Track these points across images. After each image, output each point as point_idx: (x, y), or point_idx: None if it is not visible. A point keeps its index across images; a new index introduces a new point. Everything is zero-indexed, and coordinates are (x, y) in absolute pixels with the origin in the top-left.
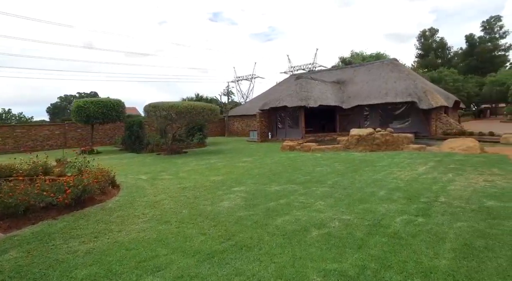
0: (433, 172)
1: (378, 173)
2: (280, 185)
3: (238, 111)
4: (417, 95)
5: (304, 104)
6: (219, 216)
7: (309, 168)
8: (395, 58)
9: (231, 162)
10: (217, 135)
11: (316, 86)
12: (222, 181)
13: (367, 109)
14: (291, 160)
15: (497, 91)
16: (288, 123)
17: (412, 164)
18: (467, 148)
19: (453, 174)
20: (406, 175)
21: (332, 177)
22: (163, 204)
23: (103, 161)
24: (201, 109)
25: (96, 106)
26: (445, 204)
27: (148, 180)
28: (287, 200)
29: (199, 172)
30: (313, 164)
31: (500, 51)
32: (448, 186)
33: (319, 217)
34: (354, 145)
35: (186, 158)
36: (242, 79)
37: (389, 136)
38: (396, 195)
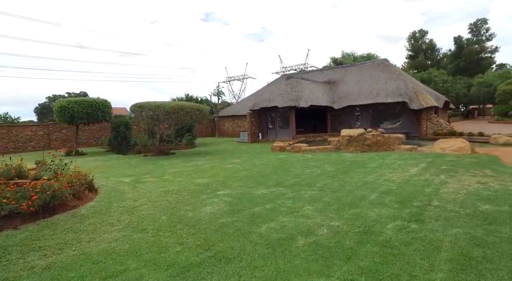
0: (425, 173)
1: (369, 175)
2: (268, 188)
3: (229, 111)
4: (408, 96)
5: (295, 104)
6: (200, 223)
7: (299, 170)
8: (385, 59)
9: (219, 164)
10: (207, 135)
11: (307, 86)
12: (207, 184)
13: (358, 110)
14: (280, 161)
15: (485, 92)
16: (278, 124)
17: (403, 165)
18: (458, 148)
19: (446, 176)
20: (398, 177)
21: (321, 179)
22: (141, 210)
23: (87, 162)
24: (189, 109)
25: (80, 106)
26: (439, 208)
27: (130, 183)
28: (273, 204)
29: (185, 174)
30: (302, 165)
31: (486, 53)
32: (441, 189)
33: (307, 223)
34: (345, 146)
35: (173, 160)
36: (234, 80)
37: (380, 136)
38: (388, 198)
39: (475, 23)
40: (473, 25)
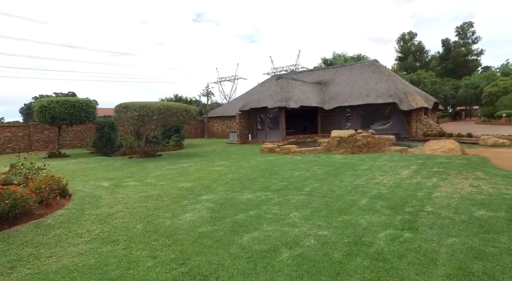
0: (417, 176)
1: (359, 178)
2: (254, 192)
3: (218, 112)
4: (398, 96)
5: (285, 105)
6: (177, 233)
7: (287, 173)
8: (376, 60)
9: (205, 166)
10: (197, 136)
11: (297, 86)
12: (191, 188)
13: (349, 110)
14: (269, 163)
15: (472, 93)
16: (268, 125)
17: (394, 167)
18: (448, 150)
19: (438, 179)
20: (389, 180)
21: (310, 182)
22: (116, 218)
23: (69, 165)
24: (176, 109)
25: (62, 106)
26: (433, 215)
27: (109, 188)
28: (258, 211)
29: (168, 177)
30: (291, 168)
31: (472, 56)
32: (433, 193)
33: (293, 233)
34: (335, 147)
35: (159, 162)
36: (225, 80)
37: (371, 138)
38: (379, 204)
39: (461, 26)
40: (460, 28)
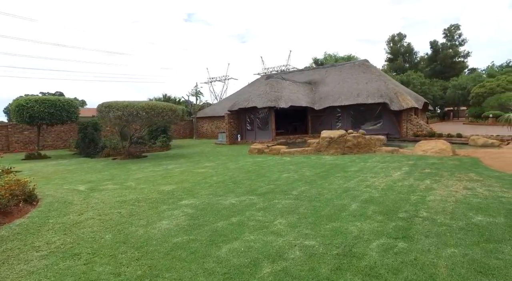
0: (409, 178)
1: (350, 180)
2: (238, 196)
3: (207, 112)
4: (388, 96)
5: (274, 105)
6: (149, 244)
7: (275, 175)
8: (366, 59)
9: (191, 168)
10: (185, 137)
11: (287, 86)
12: (172, 192)
13: (339, 110)
14: (256, 165)
15: (459, 94)
16: (258, 125)
17: (386, 169)
18: (439, 150)
19: (431, 181)
20: (381, 182)
21: (298, 185)
22: (84, 227)
23: (47, 167)
24: (161, 109)
25: (41, 105)
26: (428, 221)
27: (84, 192)
28: (241, 217)
29: (150, 180)
30: (280, 169)
31: (459, 58)
32: (427, 196)
33: (277, 243)
34: (325, 148)
35: (143, 163)
36: (216, 80)
37: (362, 138)
38: (371, 208)
39: (449, 29)
40: (447, 31)
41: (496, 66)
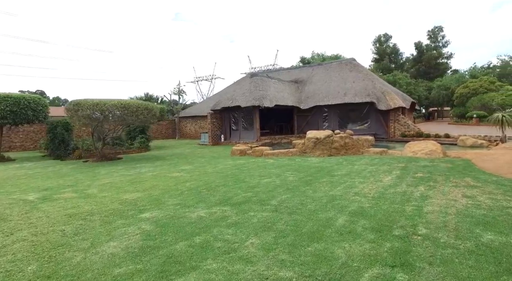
0: (401, 183)
1: (336, 186)
2: (209, 207)
3: (191, 111)
4: (376, 96)
5: (259, 103)
6: (82, 277)
7: (255, 180)
8: (353, 58)
9: (165, 172)
10: (168, 137)
11: (273, 85)
12: (135, 202)
13: (326, 110)
14: (237, 168)
15: (444, 95)
16: (242, 125)
17: (375, 172)
18: (430, 152)
19: (425, 187)
20: (370, 189)
21: (279, 193)
22: (5, 253)
23: (6, 171)
24: (135, 108)
25: (2, 103)
26: (429, 241)
27: (31, 203)
28: (207, 236)
29: (117, 186)
30: (261, 174)
31: (443, 59)
32: (424, 206)
33: (244, 275)
34: (311, 149)
35: (115, 166)
36: (202, 79)
37: (349, 139)
38: (361, 223)
39: (432, 30)
40: (431, 32)
41: (477, 67)
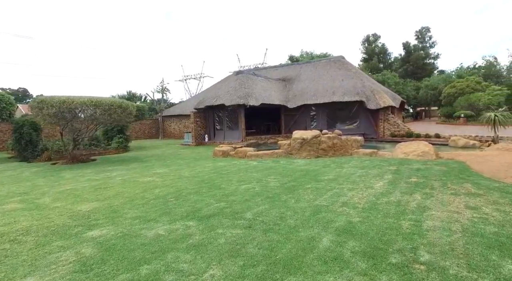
0: (394, 190)
1: (322, 194)
2: (172, 221)
3: (175, 110)
4: (365, 94)
5: (244, 102)
6: None
7: (232, 186)
8: (342, 56)
9: (138, 176)
10: (151, 137)
11: (259, 83)
12: (88, 214)
13: (314, 109)
14: (215, 171)
15: (431, 94)
16: (227, 124)
17: (365, 177)
18: (422, 153)
19: (421, 195)
20: (361, 197)
21: (257, 203)
22: None
23: None
24: (108, 106)
25: None
26: (435, 272)
27: None
28: (157, 265)
29: (76, 194)
30: (240, 178)
31: (430, 59)
32: (423, 221)
33: None
34: (297, 150)
35: (84, 170)
36: (190, 78)
37: (337, 139)
38: (350, 245)
39: (420, 31)
40: (419, 33)
41: (464, 68)
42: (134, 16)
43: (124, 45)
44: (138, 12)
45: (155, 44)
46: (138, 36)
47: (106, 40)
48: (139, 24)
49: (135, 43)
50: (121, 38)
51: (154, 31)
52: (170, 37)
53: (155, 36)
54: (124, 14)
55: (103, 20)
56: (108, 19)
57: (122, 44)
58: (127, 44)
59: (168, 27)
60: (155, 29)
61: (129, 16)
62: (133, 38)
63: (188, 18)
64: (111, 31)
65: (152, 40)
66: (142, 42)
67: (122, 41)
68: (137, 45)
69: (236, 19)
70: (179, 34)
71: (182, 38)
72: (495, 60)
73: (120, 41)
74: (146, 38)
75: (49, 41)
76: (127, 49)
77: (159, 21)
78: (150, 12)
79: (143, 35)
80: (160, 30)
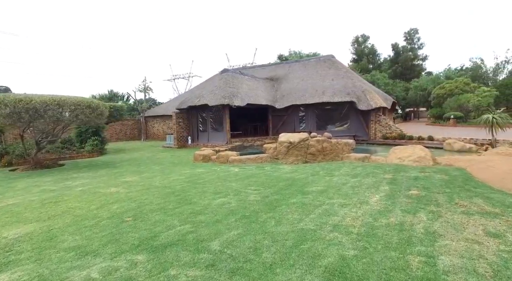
0: (394, 207)
1: (309, 212)
2: (116, 255)
3: (159, 111)
4: (356, 95)
5: (228, 102)
6: None
7: (205, 201)
8: (332, 55)
9: (102, 185)
10: (134, 138)
11: (245, 82)
12: (12, 243)
13: (303, 110)
14: (191, 180)
15: (420, 95)
16: (211, 125)
17: (359, 188)
18: (418, 158)
19: (427, 215)
20: (355, 217)
21: (229, 225)
22: None
23: None
24: (74, 106)
25: None
26: None
27: None
28: None
29: (15, 211)
30: (217, 189)
31: (418, 60)
32: (437, 258)
33: None
34: (284, 155)
35: (43, 178)
36: (179, 78)
37: (327, 142)
38: None
39: (408, 32)
40: (407, 34)
41: (452, 69)
42: (122, 13)
43: (111, 44)
44: (126, 10)
45: (143, 43)
46: (126, 34)
47: (95, 39)
48: (127, 22)
49: (123, 42)
50: (109, 36)
51: (142, 30)
52: (158, 36)
53: (143, 34)
54: (112, 11)
55: (92, 19)
56: (97, 18)
57: (110, 42)
58: (115, 43)
59: (156, 25)
60: (143, 27)
61: (117, 13)
62: (121, 36)
63: (177, 17)
64: (99, 29)
65: (140, 39)
66: (130, 41)
67: (110, 39)
68: (126, 44)
69: (226, 19)
70: (167, 33)
71: (171, 37)
72: (481, 62)
73: (108, 40)
74: (134, 37)
75: (34, 39)
76: (115, 48)
77: (147, 19)
78: (138, 10)
79: (131, 33)
80: (148, 28)
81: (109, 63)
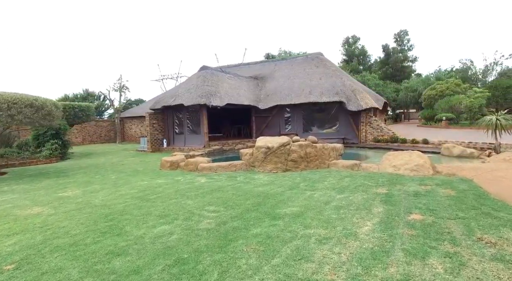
0: (393, 245)
1: (273, 254)
2: None
3: (137, 111)
4: (345, 94)
5: (205, 102)
6: None
7: (140, 230)
8: (320, 52)
9: (25, 204)
10: (109, 141)
11: (226, 80)
12: None
13: (289, 111)
14: (141, 196)
15: (411, 96)
16: (188, 127)
17: (345, 209)
18: (416, 167)
19: (442, 262)
20: (336, 266)
21: (149, 279)
22: None
23: None
24: (7, 104)
25: None
26: None
27: None
28: None
29: None
30: (166, 209)
31: (408, 62)
32: None
33: None
34: (261, 162)
35: None
36: (167, 78)
37: (311, 148)
38: None
39: (398, 34)
40: (397, 35)
41: (442, 71)
42: (109, 11)
43: (96, 43)
44: (114, 8)
45: (130, 43)
46: (113, 33)
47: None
48: (114, 20)
49: (109, 41)
50: (98, 34)
51: (129, 29)
52: (146, 36)
53: (131, 34)
54: (101, 10)
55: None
56: (84, 16)
57: (94, 41)
58: (100, 41)
59: (144, 25)
60: (130, 26)
61: (103, 11)
62: (107, 35)
63: (165, 17)
64: (93, 29)
65: (127, 38)
66: (116, 39)
67: (95, 38)
68: (111, 42)
69: (216, 19)
70: (155, 33)
71: (159, 37)
72: (471, 63)
73: (96, 37)
74: (120, 35)
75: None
76: (99, 47)
77: (134, 18)
78: (127, 9)
79: (119, 32)
80: (136, 28)
81: (94, 62)
